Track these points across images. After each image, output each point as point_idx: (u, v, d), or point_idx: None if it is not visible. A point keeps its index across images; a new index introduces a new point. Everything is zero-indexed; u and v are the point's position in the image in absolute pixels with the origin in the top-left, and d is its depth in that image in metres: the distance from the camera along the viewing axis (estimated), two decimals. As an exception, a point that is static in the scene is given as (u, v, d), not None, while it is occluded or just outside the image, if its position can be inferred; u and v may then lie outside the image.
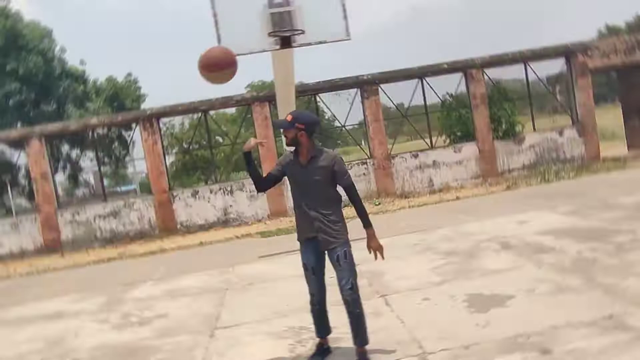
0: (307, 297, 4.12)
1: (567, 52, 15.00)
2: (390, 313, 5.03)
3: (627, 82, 16.32)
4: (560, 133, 14.93)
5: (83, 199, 23.61)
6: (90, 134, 18.50)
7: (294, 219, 4.26)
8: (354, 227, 4.12)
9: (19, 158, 17.10)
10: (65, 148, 27.17)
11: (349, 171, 4.19)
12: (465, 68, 14.68)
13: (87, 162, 26.75)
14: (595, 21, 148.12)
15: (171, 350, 4.98)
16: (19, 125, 25.16)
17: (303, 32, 8.62)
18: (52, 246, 13.75)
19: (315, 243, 3.91)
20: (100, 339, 5.80)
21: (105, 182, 23.21)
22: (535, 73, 15.19)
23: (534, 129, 15.27)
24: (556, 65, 15.44)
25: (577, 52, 14.89)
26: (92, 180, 25.93)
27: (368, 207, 4.43)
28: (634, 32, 48.80)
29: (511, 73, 15.49)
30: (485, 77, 14.80)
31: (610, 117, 21.53)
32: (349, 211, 4.17)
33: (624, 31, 62.26)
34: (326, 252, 3.90)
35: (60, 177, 23.27)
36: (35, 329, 6.55)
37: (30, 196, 19.10)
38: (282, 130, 4.17)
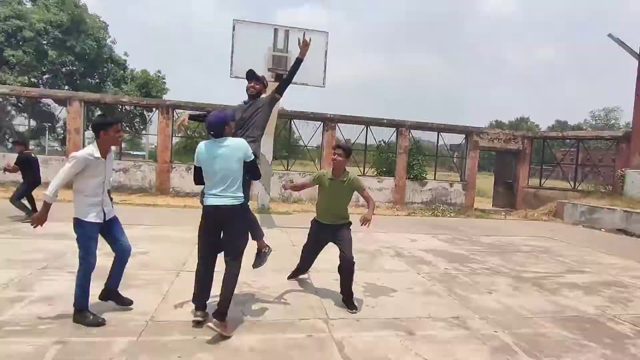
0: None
1: (467, 132, 15.58)
2: (310, 286, 5.04)
3: (501, 161, 17.14)
4: (451, 185, 15.43)
5: (103, 154, 22.48)
6: (120, 107, 17.68)
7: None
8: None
9: (61, 112, 16.13)
10: (98, 113, 25.92)
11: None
12: (398, 126, 14.96)
13: (113, 127, 25.50)
14: (489, 116, 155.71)
15: (145, 279, 4.81)
16: (66, 88, 23.77)
17: (293, 73, 8.59)
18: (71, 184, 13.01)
19: None
20: (92, 260, 5.50)
21: (123, 145, 22.22)
22: (443, 140, 15.66)
23: (435, 178, 15.73)
24: (458, 139, 16.02)
25: (473, 133, 15.47)
26: (113, 142, 24.79)
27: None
28: (512, 129, 51.38)
29: (428, 137, 15.91)
30: (410, 135, 15.15)
31: (486, 182, 22.53)
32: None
33: (506, 127, 65.57)
34: None
35: (89, 134, 22.16)
36: (44, 243, 6.17)
37: (63, 142, 18.06)
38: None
